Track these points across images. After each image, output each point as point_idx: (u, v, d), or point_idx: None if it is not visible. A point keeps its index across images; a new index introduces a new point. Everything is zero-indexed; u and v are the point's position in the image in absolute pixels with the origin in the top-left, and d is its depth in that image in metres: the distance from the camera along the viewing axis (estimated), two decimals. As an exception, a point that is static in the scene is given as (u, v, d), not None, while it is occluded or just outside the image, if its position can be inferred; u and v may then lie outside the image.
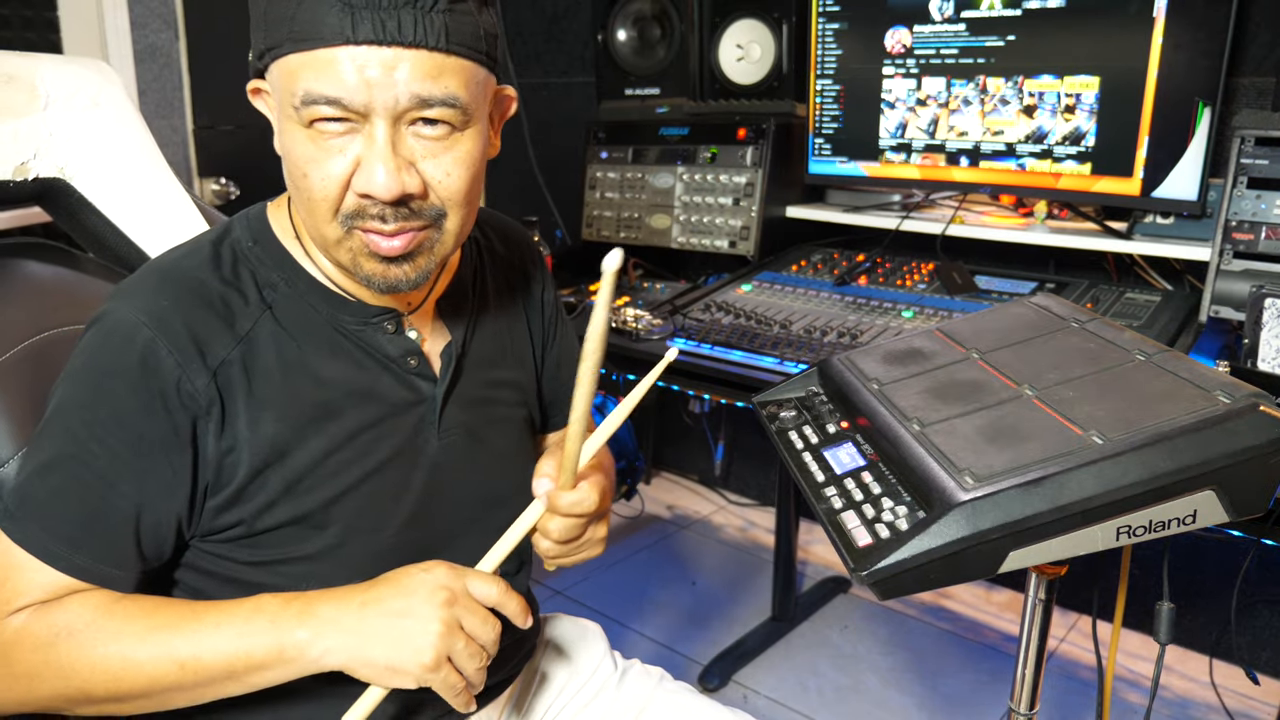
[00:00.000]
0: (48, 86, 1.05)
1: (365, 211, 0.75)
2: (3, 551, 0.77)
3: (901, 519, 0.77)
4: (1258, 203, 1.39)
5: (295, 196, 0.79)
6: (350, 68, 0.70)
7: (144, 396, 0.77)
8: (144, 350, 0.77)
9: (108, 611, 0.76)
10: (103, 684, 0.74)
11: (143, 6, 1.93)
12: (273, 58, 0.74)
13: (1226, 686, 1.87)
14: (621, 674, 1.11)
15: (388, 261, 0.77)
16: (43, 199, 1.08)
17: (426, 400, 0.89)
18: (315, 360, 0.83)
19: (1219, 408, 0.76)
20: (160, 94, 1.99)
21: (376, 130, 0.72)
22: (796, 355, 1.46)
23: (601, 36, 2.21)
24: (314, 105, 0.71)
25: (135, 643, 0.75)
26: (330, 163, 0.73)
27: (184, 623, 0.76)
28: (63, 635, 0.75)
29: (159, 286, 0.80)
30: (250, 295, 0.82)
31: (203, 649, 0.74)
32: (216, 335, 0.79)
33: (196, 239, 0.86)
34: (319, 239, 0.80)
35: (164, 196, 1.14)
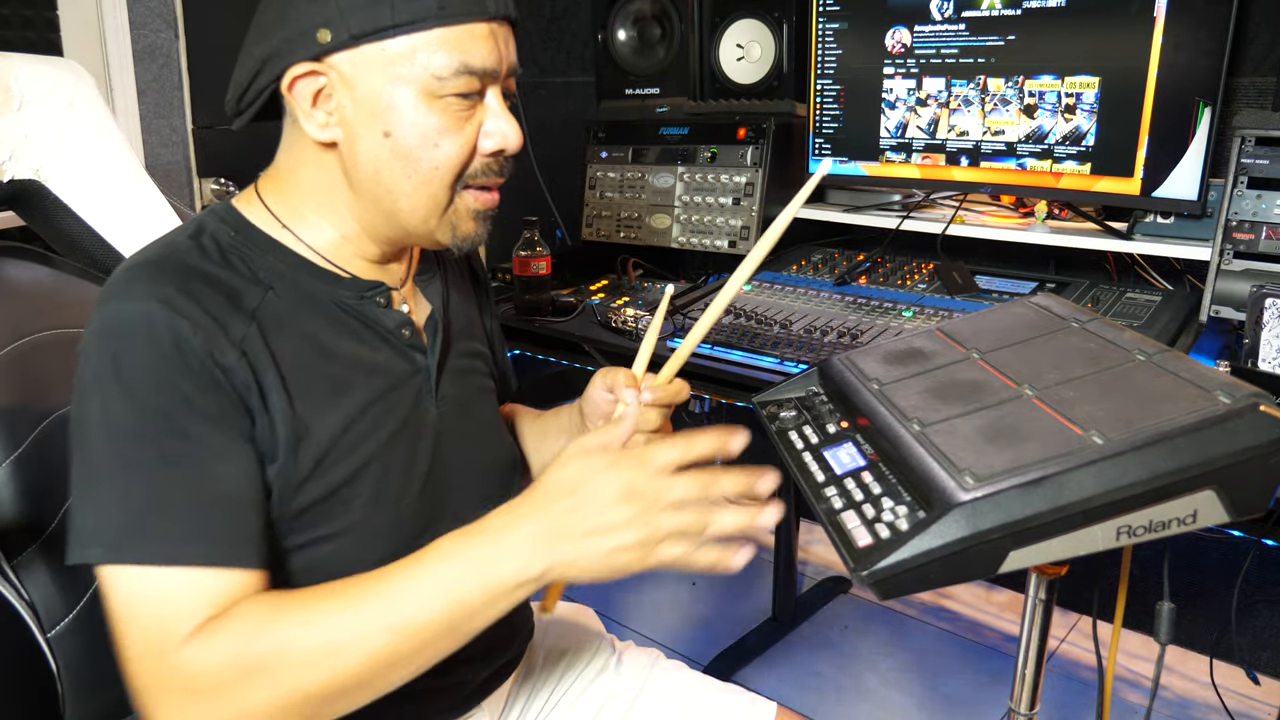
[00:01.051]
0: (21, 87, 1.03)
1: (489, 169, 0.85)
2: (135, 591, 0.70)
3: (902, 519, 0.77)
4: (1258, 203, 1.39)
5: (401, 172, 0.81)
6: (492, 42, 0.81)
7: (195, 375, 0.74)
8: (170, 332, 0.74)
9: (285, 600, 0.72)
10: (315, 675, 0.69)
11: (143, 6, 1.93)
12: (400, 33, 0.77)
13: (1227, 686, 1.87)
14: (619, 655, 1.14)
15: (483, 218, 0.87)
16: (16, 202, 1.06)
17: (421, 371, 0.91)
18: (322, 335, 0.84)
19: (1219, 408, 0.76)
20: (160, 94, 1.99)
21: (492, 96, 0.83)
22: (796, 355, 1.46)
23: (601, 36, 2.21)
24: (463, 76, 0.79)
25: (335, 620, 0.70)
26: (461, 132, 0.81)
27: (376, 590, 0.71)
28: (249, 637, 0.69)
29: (156, 276, 0.77)
30: (247, 276, 0.82)
31: (410, 609, 0.69)
32: (230, 314, 0.78)
33: (165, 239, 0.84)
34: (423, 210, 0.83)
35: (139, 198, 1.12)
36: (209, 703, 0.68)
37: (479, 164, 0.84)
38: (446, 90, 0.79)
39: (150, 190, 1.13)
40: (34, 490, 0.97)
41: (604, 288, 1.94)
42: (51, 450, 0.99)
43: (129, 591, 0.70)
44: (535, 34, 2.79)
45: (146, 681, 0.70)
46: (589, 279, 1.98)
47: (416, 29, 0.77)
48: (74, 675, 0.97)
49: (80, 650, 0.98)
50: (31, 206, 1.06)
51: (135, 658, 0.70)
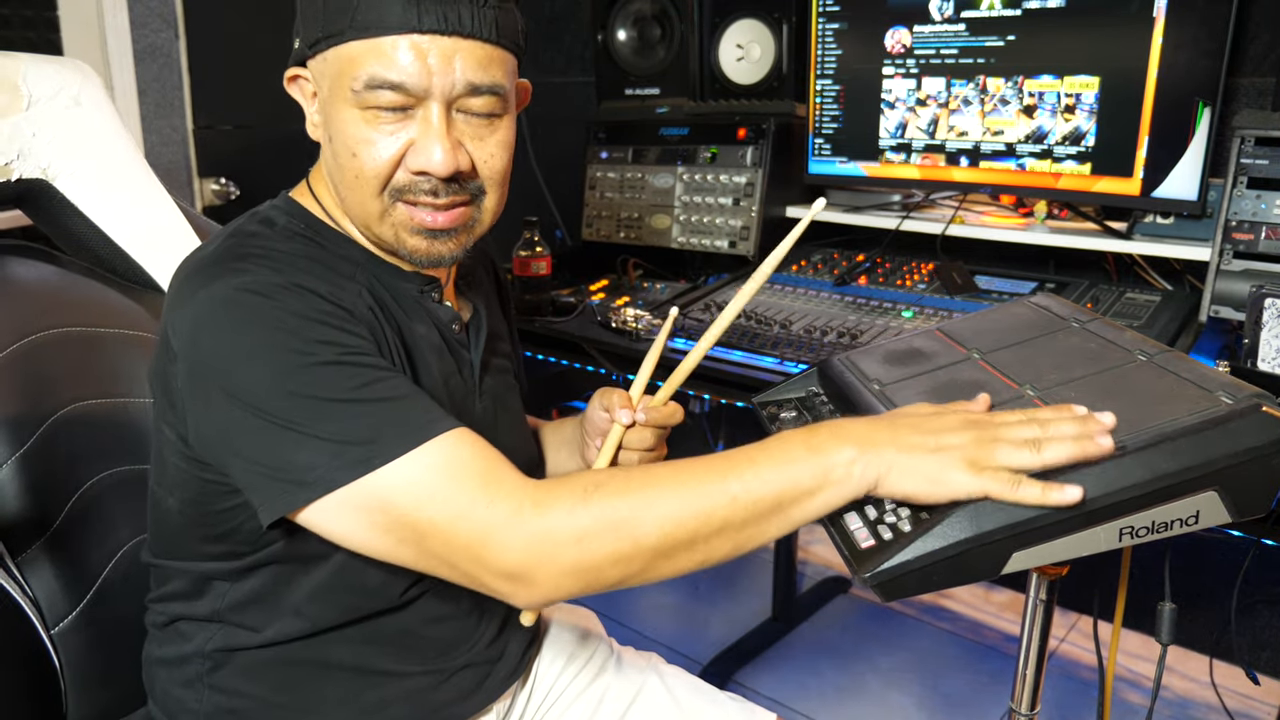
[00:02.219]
0: (29, 86, 1.03)
1: (416, 187, 0.82)
2: (414, 482, 0.72)
3: (904, 520, 0.77)
4: (1258, 203, 1.39)
5: (339, 175, 0.83)
6: (413, 54, 0.77)
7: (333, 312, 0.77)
8: (296, 288, 0.76)
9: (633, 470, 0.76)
10: (660, 529, 0.71)
11: (143, 6, 1.93)
12: (329, 45, 0.79)
13: (1227, 686, 1.87)
14: (618, 657, 1.14)
15: (432, 236, 0.84)
16: (24, 201, 1.06)
17: (467, 366, 0.94)
18: (401, 319, 0.87)
19: (1221, 408, 0.76)
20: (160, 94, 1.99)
21: (432, 113, 0.79)
22: (796, 355, 1.46)
23: (601, 36, 2.21)
24: (376, 90, 0.77)
25: (674, 483, 0.73)
26: (382, 143, 0.80)
27: (724, 466, 0.73)
28: (593, 481, 0.73)
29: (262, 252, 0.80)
30: (333, 261, 0.84)
31: (751, 480, 0.72)
32: (341, 280, 0.82)
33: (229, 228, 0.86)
34: (362, 215, 0.84)
35: (145, 197, 1.13)
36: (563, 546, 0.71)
37: (403, 179, 0.82)
38: (366, 103, 0.78)
39: (157, 190, 1.13)
40: (39, 487, 0.97)
41: (604, 288, 1.94)
42: (56, 448, 0.99)
43: (408, 483, 0.72)
44: (535, 34, 2.79)
45: (476, 536, 0.71)
46: (589, 279, 1.98)
47: (337, 41, 0.78)
48: (77, 672, 0.97)
49: (83, 647, 0.98)
50: (39, 205, 1.07)
51: (478, 522, 0.71)
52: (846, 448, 0.73)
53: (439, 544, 0.73)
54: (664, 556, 0.72)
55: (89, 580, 0.99)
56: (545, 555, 0.71)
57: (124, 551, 1.02)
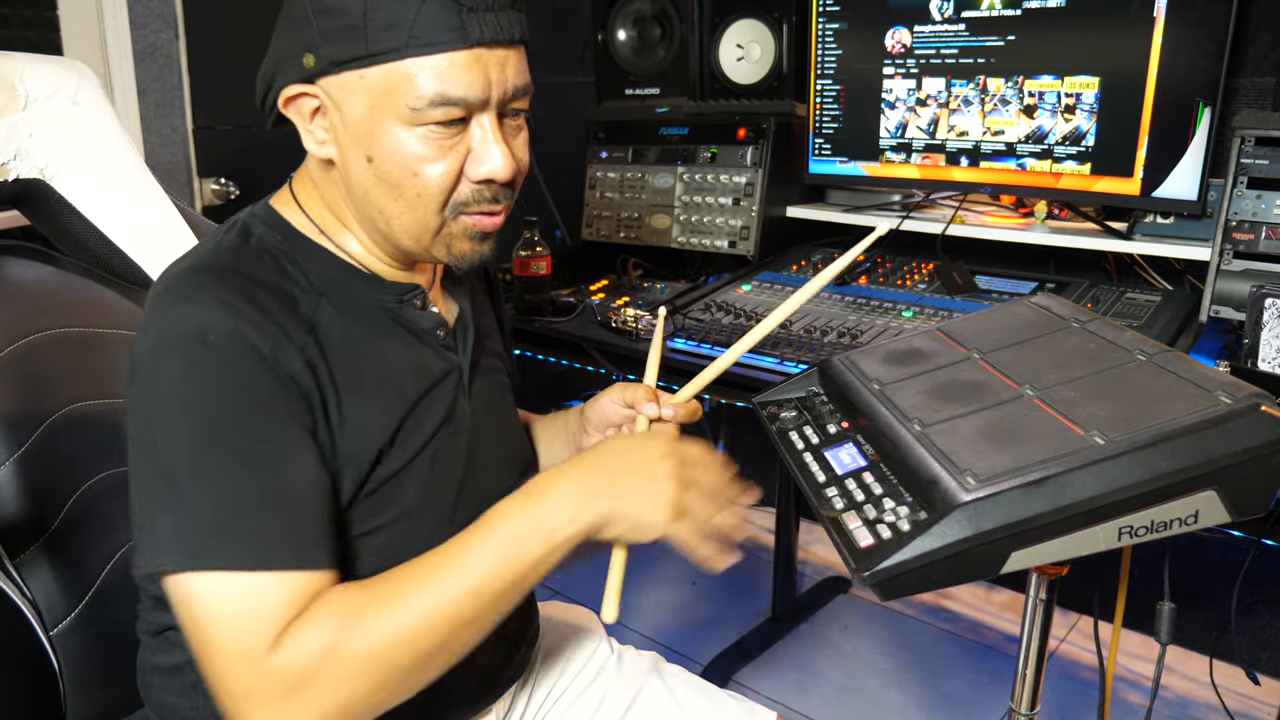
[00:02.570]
0: (27, 86, 1.03)
1: (480, 196, 0.82)
2: (221, 596, 0.71)
3: (903, 520, 0.77)
4: (1258, 203, 1.39)
5: (386, 196, 0.81)
6: (478, 68, 0.76)
7: (265, 377, 0.75)
8: (237, 339, 0.74)
9: (364, 588, 0.75)
10: (408, 650, 0.72)
11: (143, 6, 1.93)
12: (374, 62, 0.75)
13: (1227, 686, 1.87)
14: (618, 656, 1.14)
15: (482, 239, 0.85)
16: (21, 201, 1.06)
17: (455, 369, 0.93)
18: (373, 339, 0.86)
19: (1220, 408, 0.76)
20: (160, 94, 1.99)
21: (486, 121, 0.79)
22: (796, 355, 1.46)
23: (601, 36, 2.21)
24: (445, 106, 0.76)
25: (417, 596, 0.73)
26: (445, 160, 0.79)
27: (450, 562, 0.76)
28: (339, 630, 0.71)
29: (216, 282, 0.77)
30: (301, 282, 0.82)
31: (487, 574, 0.75)
32: (289, 321, 0.79)
33: (209, 242, 0.85)
34: (415, 231, 0.82)
35: (143, 197, 1.12)
36: (310, 697, 0.70)
37: (468, 191, 0.81)
38: (425, 120, 0.77)
39: (154, 190, 1.13)
40: (37, 488, 0.97)
41: (604, 288, 1.94)
42: (54, 448, 0.99)
43: (214, 597, 0.71)
44: (535, 34, 2.79)
45: (241, 686, 0.70)
46: (589, 279, 1.98)
47: (390, 58, 0.75)
48: (76, 674, 0.97)
49: (82, 649, 0.98)
50: (36, 205, 1.06)
51: (225, 664, 0.70)
52: (565, 508, 0.77)
53: (208, 671, 0.72)
54: (419, 670, 0.74)
55: (88, 582, 0.99)
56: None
57: (123, 553, 1.02)
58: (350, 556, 0.82)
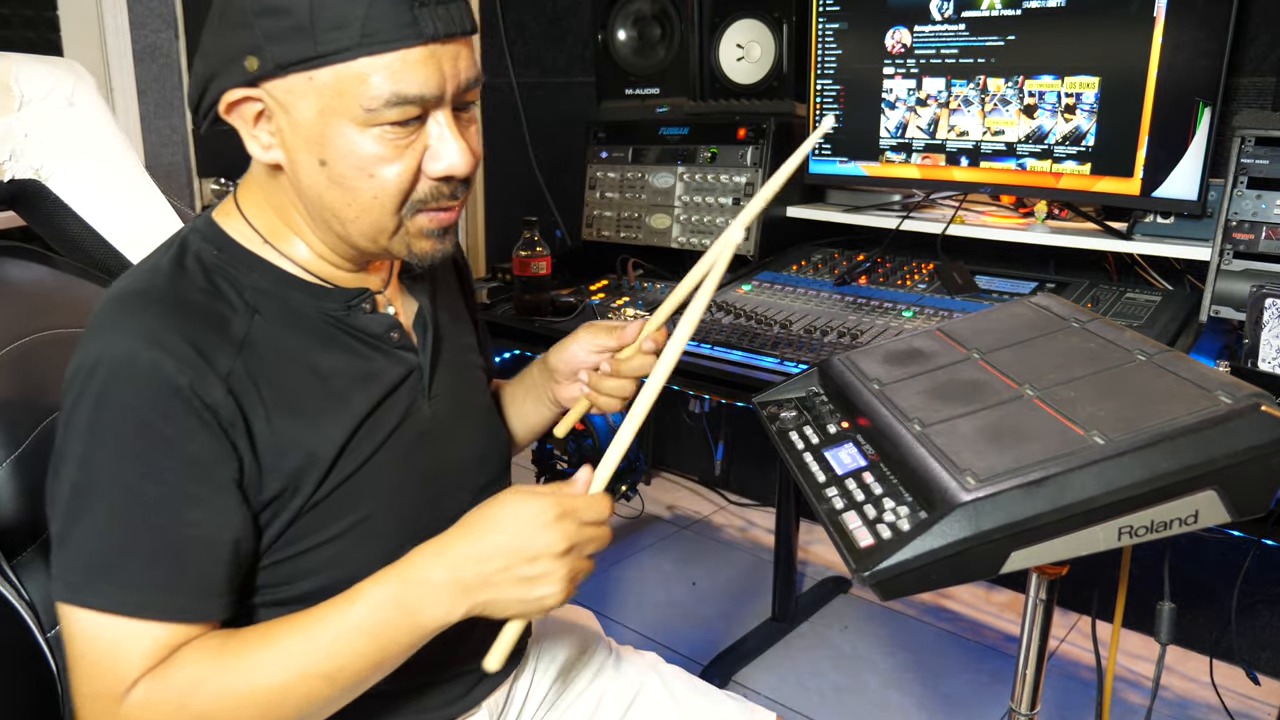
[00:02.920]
0: (22, 86, 1.02)
1: (439, 193, 0.80)
2: (91, 634, 0.71)
3: (903, 519, 0.77)
4: (1258, 203, 1.39)
5: (341, 199, 0.78)
6: (432, 64, 0.74)
7: (174, 419, 0.73)
8: (153, 373, 0.73)
9: (225, 649, 0.74)
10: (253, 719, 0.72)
11: (143, 6, 1.93)
12: (325, 63, 0.72)
13: (1227, 686, 1.87)
14: (617, 656, 1.14)
15: (440, 236, 0.83)
16: (17, 202, 1.05)
17: (414, 370, 0.91)
18: (314, 354, 0.83)
19: (1220, 408, 0.76)
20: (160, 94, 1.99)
21: (443, 117, 0.77)
22: (796, 355, 1.46)
23: (601, 36, 2.21)
24: (401, 106, 0.74)
25: (272, 671, 0.73)
26: (402, 159, 0.77)
27: (310, 638, 0.74)
28: (190, 690, 0.72)
29: (142, 309, 0.76)
30: (234, 301, 0.80)
31: (343, 656, 0.73)
32: (216, 345, 0.77)
33: (148, 261, 0.83)
34: (371, 233, 0.80)
35: (139, 197, 1.12)
36: None
37: (426, 189, 0.79)
38: (379, 120, 0.74)
39: (151, 190, 1.13)
40: (34, 490, 0.96)
41: (604, 288, 1.94)
42: (51, 450, 0.99)
43: (87, 633, 0.72)
44: (535, 34, 2.79)
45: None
46: (589, 279, 1.98)
47: (341, 59, 0.72)
48: (74, 676, 0.97)
49: (81, 651, 0.98)
50: (32, 206, 1.06)
51: (85, 699, 0.72)
52: (439, 603, 0.75)
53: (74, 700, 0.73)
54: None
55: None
56: None
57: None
58: (296, 569, 0.82)
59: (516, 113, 2.83)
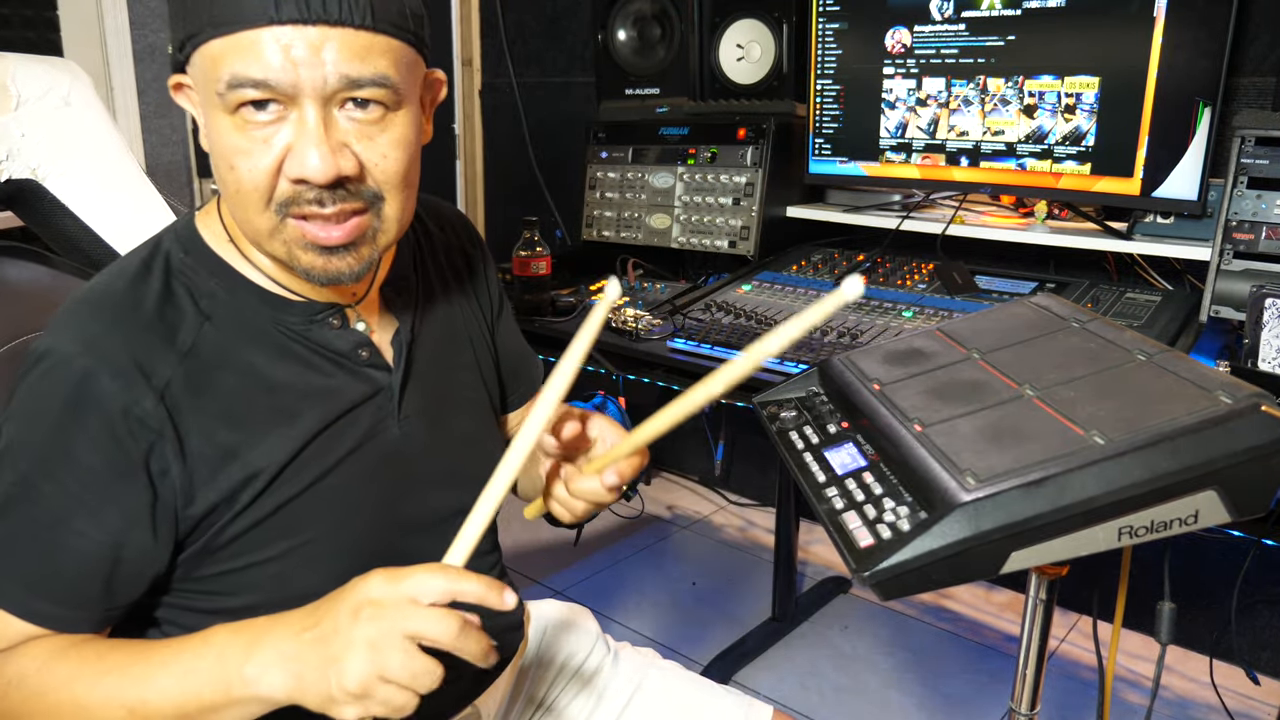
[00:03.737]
0: (18, 86, 1.03)
1: (300, 198, 0.73)
2: None
3: (903, 519, 0.77)
4: (1258, 203, 1.39)
5: (224, 191, 0.76)
6: (275, 48, 0.69)
7: (89, 428, 0.74)
8: (82, 380, 0.74)
9: (61, 656, 0.73)
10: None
11: (143, 6, 1.93)
12: (193, 46, 0.71)
13: (1227, 686, 1.87)
14: (615, 654, 1.14)
15: (328, 252, 0.76)
16: (14, 202, 1.06)
17: (383, 390, 0.87)
18: (264, 366, 0.81)
19: (1220, 408, 0.76)
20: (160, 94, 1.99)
21: (307, 113, 0.71)
22: (796, 355, 1.46)
23: (601, 36, 2.21)
24: (240, 89, 0.69)
25: (87, 688, 0.72)
26: (257, 152, 0.72)
27: (133, 665, 0.72)
28: (14, 684, 0.72)
29: (92, 314, 0.77)
30: (187, 308, 0.79)
31: (150, 692, 0.71)
32: (158, 354, 0.76)
33: (124, 260, 0.83)
34: (251, 233, 0.77)
35: (136, 196, 1.12)
36: None
37: (286, 190, 0.73)
38: (234, 105, 0.70)
39: (147, 189, 1.13)
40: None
41: (604, 288, 1.94)
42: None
43: None
44: (535, 34, 2.79)
45: None
46: (589, 279, 1.98)
47: (200, 40, 0.70)
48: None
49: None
50: (29, 206, 1.06)
51: None
52: (251, 665, 0.69)
53: None
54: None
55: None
56: None
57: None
58: (245, 584, 0.81)
59: (516, 113, 2.83)
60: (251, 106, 0.70)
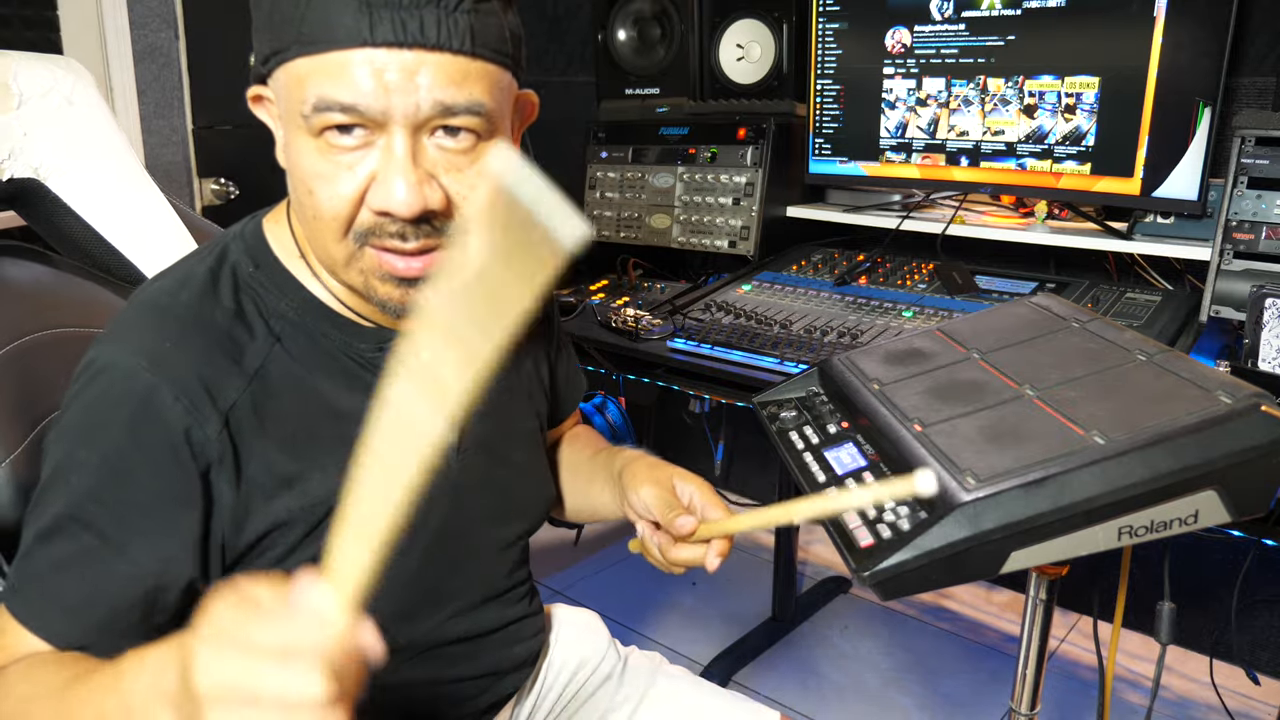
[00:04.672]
0: (21, 85, 1.02)
1: (382, 229, 0.70)
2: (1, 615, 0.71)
3: (903, 519, 0.77)
4: (1258, 203, 1.39)
5: (300, 213, 0.74)
6: (367, 71, 0.65)
7: (150, 451, 0.70)
8: (147, 398, 0.70)
9: (26, 675, 0.68)
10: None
11: (143, 6, 1.93)
12: (278, 62, 0.68)
13: (1226, 686, 1.87)
14: (624, 660, 1.13)
15: (406, 284, 0.72)
16: (16, 201, 1.05)
17: None
18: (331, 393, 0.78)
19: (1220, 408, 0.76)
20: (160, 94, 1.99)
21: (395, 141, 0.67)
22: (796, 355, 1.46)
23: (601, 36, 2.21)
24: (326, 112, 0.66)
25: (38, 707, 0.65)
26: (340, 179, 0.69)
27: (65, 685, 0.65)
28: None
29: (158, 325, 0.73)
30: (257, 328, 0.76)
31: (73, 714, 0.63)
32: (226, 375, 0.73)
33: (187, 265, 0.79)
34: (326, 259, 0.74)
35: (138, 196, 1.12)
36: None
37: (367, 220, 0.70)
38: (316, 128, 0.67)
39: (150, 189, 1.13)
40: (32, 490, 0.96)
41: (604, 288, 1.94)
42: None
43: None
44: (535, 34, 2.79)
45: None
46: (589, 279, 1.98)
47: (287, 57, 0.67)
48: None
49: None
50: (31, 205, 1.06)
51: None
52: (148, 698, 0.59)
53: None
54: None
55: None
56: None
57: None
58: None
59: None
60: (336, 130, 0.67)
